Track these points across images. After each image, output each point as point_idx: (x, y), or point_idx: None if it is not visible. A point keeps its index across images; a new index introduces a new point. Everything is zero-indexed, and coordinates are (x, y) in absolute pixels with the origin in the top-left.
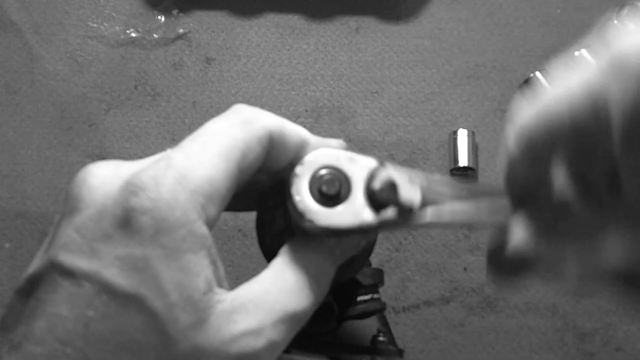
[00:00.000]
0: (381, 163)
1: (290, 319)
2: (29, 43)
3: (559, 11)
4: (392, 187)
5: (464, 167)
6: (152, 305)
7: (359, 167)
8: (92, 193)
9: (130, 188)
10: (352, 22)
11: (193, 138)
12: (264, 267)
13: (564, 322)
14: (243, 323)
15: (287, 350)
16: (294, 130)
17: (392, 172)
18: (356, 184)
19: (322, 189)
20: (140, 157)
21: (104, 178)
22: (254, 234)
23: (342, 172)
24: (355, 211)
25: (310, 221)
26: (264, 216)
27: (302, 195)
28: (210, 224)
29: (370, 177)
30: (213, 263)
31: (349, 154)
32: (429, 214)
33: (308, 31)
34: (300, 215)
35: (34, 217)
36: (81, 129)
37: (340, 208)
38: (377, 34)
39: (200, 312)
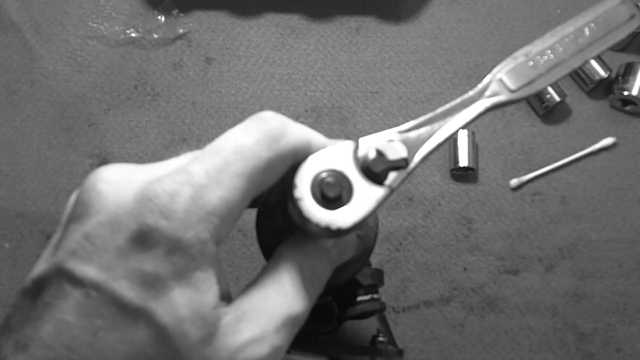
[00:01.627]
0: (356, 141)
1: (291, 321)
2: (29, 43)
3: (559, 11)
4: (379, 154)
5: (464, 167)
6: (161, 319)
7: (344, 156)
8: (103, 200)
9: (145, 202)
10: (352, 22)
11: (215, 150)
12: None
13: (563, 322)
14: (247, 332)
15: (287, 351)
16: (319, 142)
17: (370, 142)
18: (351, 172)
19: (324, 192)
20: (140, 157)
21: (116, 185)
22: (254, 233)
23: (342, 174)
24: (364, 196)
25: (316, 225)
26: (263, 213)
27: (304, 195)
28: (220, 242)
29: (357, 159)
30: (219, 278)
31: (327, 149)
32: (417, 153)
33: (308, 31)
34: (304, 219)
35: (34, 217)
36: (81, 128)
37: (343, 209)
38: (377, 34)
39: (209, 327)
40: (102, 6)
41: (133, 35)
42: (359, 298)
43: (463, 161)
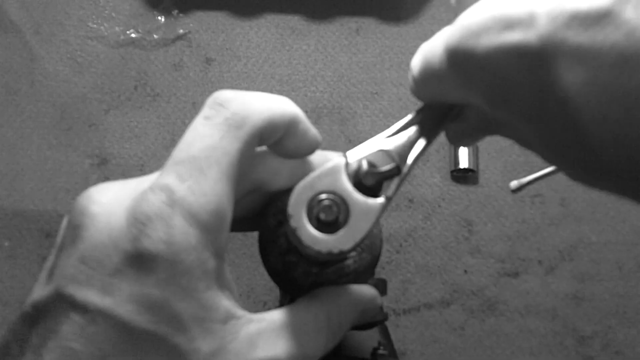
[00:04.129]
0: (344, 155)
1: (301, 358)
2: (29, 43)
3: None
4: (371, 166)
5: (464, 169)
6: (173, 340)
7: (335, 174)
8: (96, 222)
9: (139, 226)
10: (352, 23)
11: (187, 159)
12: (264, 268)
13: (563, 325)
14: (262, 351)
15: None
16: (284, 115)
17: (359, 154)
18: (344, 190)
19: (320, 217)
20: (140, 158)
21: (107, 205)
22: (254, 233)
23: (336, 194)
24: (362, 212)
25: (317, 252)
26: (266, 236)
27: (301, 222)
28: (221, 252)
29: (349, 175)
30: (227, 289)
31: (317, 171)
32: (409, 156)
33: (308, 32)
34: (304, 247)
35: (32, 216)
36: (81, 129)
37: (341, 233)
38: (377, 35)
39: (220, 340)
40: (102, 7)
41: (133, 35)
42: None
43: (463, 163)
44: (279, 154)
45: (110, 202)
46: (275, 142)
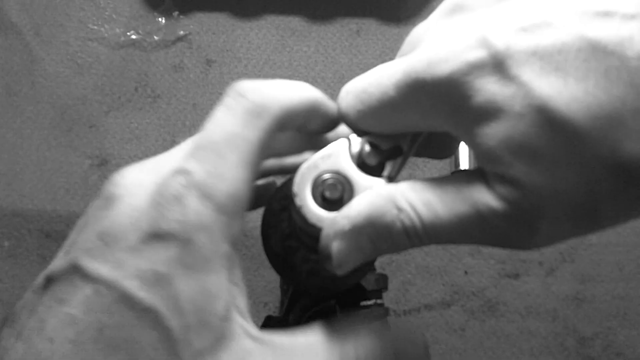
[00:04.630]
0: (347, 139)
1: None
2: (29, 45)
3: None
4: (373, 146)
5: (465, 171)
6: (168, 323)
7: (339, 155)
8: (119, 203)
9: (158, 207)
10: (352, 24)
11: (207, 144)
12: (265, 268)
13: (564, 326)
14: None
15: None
16: (302, 102)
17: (359, 139)
18: (348, 170)
19: (325, 194)
20: (140, 158)
21: (130, 187)
22: (255, 234)
23: (340, 173)
24: (366, 190)
25: (315, 227)
26: (269, 220)
27: (306, 201)
28: (235, 239)
29: (352, 155)
30: (235, 284)
31: (321, 151)
32: (411, 137)
33: (309, 33)
34: (309, 225)
35: (32, 216)
36: (81, 130)
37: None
38: (378, 36)
39: (213, 340)
40: (102, 8)
41: (133, 37)
42: (363, 303)
43: (464, 164)
44: (304, 133)
45: (133, 183)
46: (298, 126)
